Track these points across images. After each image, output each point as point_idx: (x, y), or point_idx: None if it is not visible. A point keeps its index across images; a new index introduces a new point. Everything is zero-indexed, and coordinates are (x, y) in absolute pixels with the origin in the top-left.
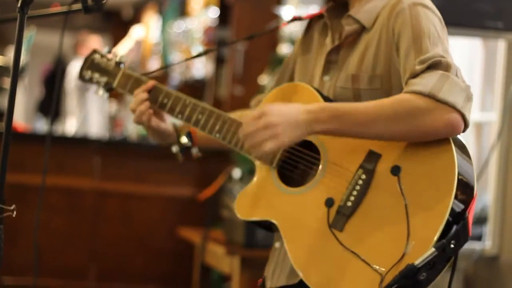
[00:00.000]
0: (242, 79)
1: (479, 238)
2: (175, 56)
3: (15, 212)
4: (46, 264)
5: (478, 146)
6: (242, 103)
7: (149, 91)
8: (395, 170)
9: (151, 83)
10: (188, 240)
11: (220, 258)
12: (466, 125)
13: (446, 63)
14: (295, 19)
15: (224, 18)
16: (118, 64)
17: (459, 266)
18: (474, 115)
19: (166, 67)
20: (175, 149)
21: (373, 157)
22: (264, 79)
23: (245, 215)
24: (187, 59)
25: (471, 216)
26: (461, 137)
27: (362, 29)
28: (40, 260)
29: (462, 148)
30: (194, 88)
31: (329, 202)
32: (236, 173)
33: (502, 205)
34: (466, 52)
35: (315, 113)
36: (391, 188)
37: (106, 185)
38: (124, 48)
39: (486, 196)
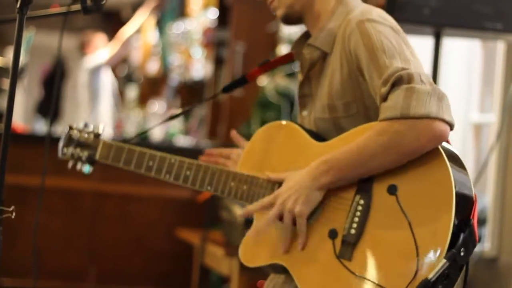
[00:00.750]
0: None
1: (478, 240)
2: (174, 57)
3: (14, 214)
4: (45, 266)
5: (477, 147)
6: (241, 104)
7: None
8: (392, 189)
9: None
10: (187, 241)
11: (219, 259)
12: (451, 126)
13: (407, 75)
14: (265, 61)
15: (223, 19)
16: (96, 135)
17: None
18: (473, 116)
19: (144, 132)
20: None
21: (366, 180)
22: (263, 81)
23: (252, 263)
24: (162, 122)
25: (475, 220)
26: (459, 138)
27: (325, 55)
28: (39, 261)
29: (452, 156)
30: (193, 89)
31: (332, 234)
32: None
33: (501, 206)
34: (465, 54)
35: (314, 171)
36: (391, 207)
37: (105, 186)
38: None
39: (485, 198)
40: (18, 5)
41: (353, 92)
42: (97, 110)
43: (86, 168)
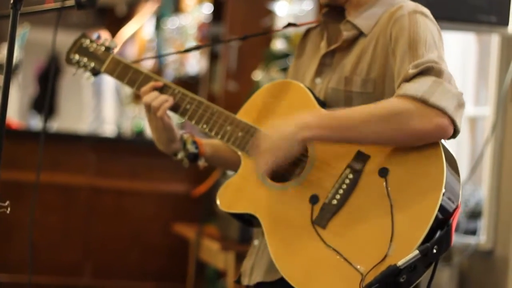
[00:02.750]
0: (236, 75)
1: (473, 232)
2: (169, 53)
3: (9, 209)
4: (41, 261)
5: (472, 140)
6: (236, 98)
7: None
8: (383, 172)
9: (159, 82)
10: (182, 236)
11: (214, 254)
12: (456, 131)
13: (439, 69)
14: (289, 25)
15: (217, 14)
16: (107, 49)
17: (454, 260)
18: (468, 109)
19: (157, 56)
20: (180, 155)
21: (361, 157)
22: (258, 75)
23: (227, 207)
24: (179, 52)
25: (454, 223)
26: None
27: (360, 35)
28: (35, 257)
29: (450, 158)
30: (188, 84)
31: (313, 199)
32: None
33: (496, 199)
34: (459, 47)
35: (303, 121)
36: (377, 189)
37: (101, 181)
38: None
39: (480, 191)
40: (12, 1)
41: (377, 72)
42: (100, 106)
43: (89, 78)
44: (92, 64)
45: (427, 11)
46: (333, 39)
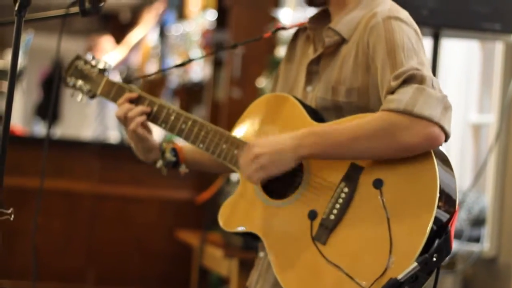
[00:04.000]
0: (240, 82)
1: (477, 240)
2: (173, 59)
3: (12, 216)
4: (44, 268)
5: (476, 148)
6: (240, 106)
7: (133, 100)
8: (377, 184)
9: (135, 93)
10: (186, 243)
11: (218, 261)
12: (447, 136)
13: (420, 75)
14: (278, 29)
15: (221, 21)
16: (101, 71)
17: (458, 267)
18: (472, 117)
19: (160, 71)
20: (159, 164)
21: (355, 170)
22: (262, 82)
23: (229, 227)
24: (177, 66)
25: (453, 229)
26: (458, 138)
27: (342, 41)
28: (38, 263)
29: (444, 161)
30: (192, 91)
31: (312, 215)
32: (234, 175)
33: (500, 207)
34: (463, 55)
35: (299, 139)
36: (373, 201)
37: (104, 188)
38: (117, 55)
39: (484, 198)
40: (16, 8)
41: (360, 82)
42: (104, 113)
43: (86, 100)
44: (88, 87)
45: (402, 14)
46: (320, 45)
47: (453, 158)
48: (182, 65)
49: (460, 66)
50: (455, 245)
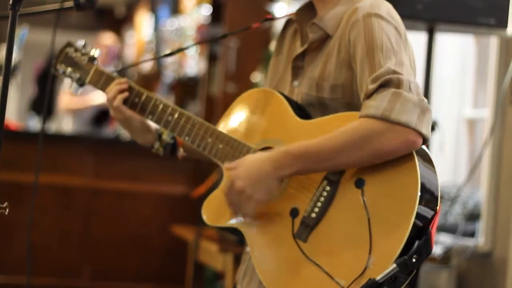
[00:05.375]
0: (235, 77)
1: (472, 234)
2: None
3: (7, 210)
4: (39, 263)
5: (471, 142)
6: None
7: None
8: (359, 183)
9: (124, 81)
10: (181, 237)
11: (213, 255)
12: (425, 139)
13: (397, 79)
14: (267, 19)
15: (216, 16)
16: (91, 60)
17: (452, 262)
18: (467, 111)
19: (135, 64)
20: (156, 146)
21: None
22: (257, 76)
23: (211, 221)
24: (168, 54)
25: (434, 229)
26: (453, 133)
27: (327, 36)
28: (33, 259)
29: (426, 159)
30: (187, 85)
31: (294, 212)
32: None
33: (495, 201)
34: (458, 49)
35: (278, 161)
36: (354, 201)
37: (99, 183)
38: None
39: (479, 193)
40: (10, 2)
41: (343, 78)
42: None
43: (75, 89)
44: (78, 75)
45: (383, 10)
46: (306, 39)
47: (448, 152)
48: (173, 54)
49: (455, 60)
50: (450, 239)
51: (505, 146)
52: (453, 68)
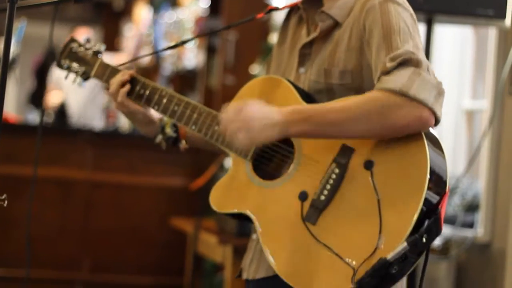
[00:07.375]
0: (234, 69)
1: (471, 225)
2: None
3: (6, 202)
4: (38, 256)
5: (469, 133)
6: (234, 92)
7: (127, 82)
8: (368, 165)
9: (128, 73)
10: (180, 230)
11: (212, 247)
12: (437, 120)
13: (416, 59)
14: (271, 9)
15: (215, 8)
16: (95, 53)
17: (451, 253)
18: (466, 102)
19: (137, 58)
20: (158, 138)
21: (346, 151)
22: (256, 69)
23: (220, 208)
24: (168, 48)
25: (443, 210)
26: (452, 124)
27: (336, 24)
28: (32, 251)
29: (435, 142)
30: (185, 78)
31: (302, 196)
32: (228, 162)
33: (493, 192)
34: (457, 40)
35: (290, 115)
36: (364, 182)
37: (98, 176)
38: None
39: (477, 184)
40: None
41: (354, 64)
42: (96, 101)
43: (80, 82)
44: (83, 69)
45: None
46: (312, 28)
47: (447, 144)
48: (175, 47)
49: (454, 52)
50: (449, 230)
51: (504, 137)
52: (451, 59)
